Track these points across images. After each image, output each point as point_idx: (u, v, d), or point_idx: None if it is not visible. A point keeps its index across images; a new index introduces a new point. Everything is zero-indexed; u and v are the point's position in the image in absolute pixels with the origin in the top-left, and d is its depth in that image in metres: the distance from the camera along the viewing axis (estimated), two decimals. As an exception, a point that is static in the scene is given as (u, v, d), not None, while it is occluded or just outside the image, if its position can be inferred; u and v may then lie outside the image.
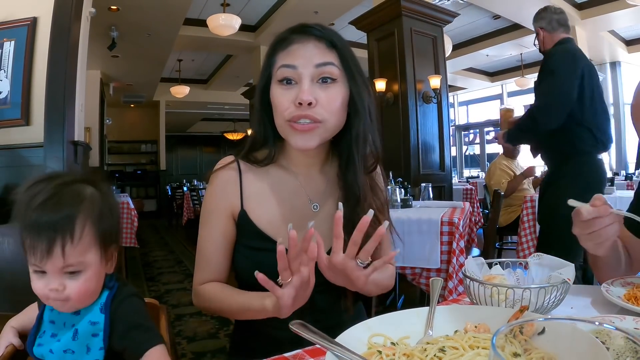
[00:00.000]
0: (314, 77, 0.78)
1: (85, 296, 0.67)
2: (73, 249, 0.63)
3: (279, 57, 0.81)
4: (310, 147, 0.80)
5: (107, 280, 0.72)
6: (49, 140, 2.54)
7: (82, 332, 0.68)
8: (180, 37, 6.40)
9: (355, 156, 0.84)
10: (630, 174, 5.85)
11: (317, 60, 0.79)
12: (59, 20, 2.64)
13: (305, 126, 0.77)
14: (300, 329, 0.53)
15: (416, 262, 2.07)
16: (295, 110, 0.77)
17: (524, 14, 6.22)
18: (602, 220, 0.69)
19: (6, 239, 2.33)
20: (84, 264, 0.65)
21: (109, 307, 0.69)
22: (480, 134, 10.95)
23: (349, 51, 0.83)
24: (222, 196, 0.86)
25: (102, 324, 0.68)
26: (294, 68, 0.78)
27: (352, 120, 0.83)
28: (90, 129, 6.79)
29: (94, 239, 0.66)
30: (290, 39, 0.81)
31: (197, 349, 2.40)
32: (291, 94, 0.78)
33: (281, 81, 0.79)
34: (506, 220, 3.76)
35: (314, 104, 0.77)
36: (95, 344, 0.68)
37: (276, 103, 0.80)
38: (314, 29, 0.81)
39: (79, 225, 0.64)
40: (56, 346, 0.68)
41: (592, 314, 0.70)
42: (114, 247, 0.72)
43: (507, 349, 0.35)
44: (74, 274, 0.65)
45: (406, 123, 4.12)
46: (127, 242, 4.00)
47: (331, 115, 0.79)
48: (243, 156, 0.89)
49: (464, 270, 0.73)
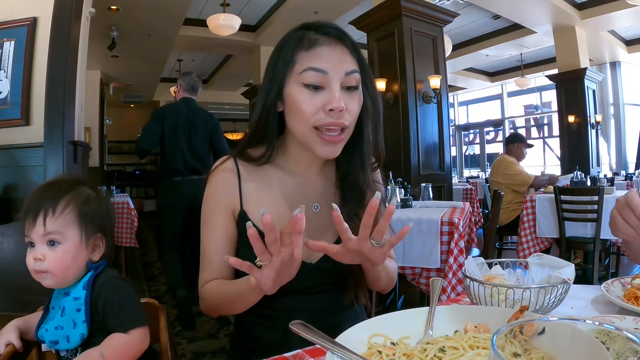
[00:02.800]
0: (342, 83, 0.78)
1: (62, 268, 0.76)
2: (53, 220, 0.76)
3: (301, 57, 0.78)
4: (335, 156, 0.81)
5: (95, 264, 0.80)
6: (49, 140, 2.54)
7: (68, 309, 0.77)
8: (180, 37, 6.39)
9: (365, 158, 0.86)
10: (630, 174, 5.86)
11: (346, 67, 0.78)
12: (59, 20, 2.64)
13: (335, 137, 0.77)
14: (300, 329, 0.53)
15: (416, 262, 2.07)
16: (325, 117, 0.76)
17: (524, 14, 6.22)
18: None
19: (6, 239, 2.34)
20: (63, 237, 0.76)
21: (90, 284, 0.78)
22: (480, 134, 10.95)
23: (363, 55, 0.83)
24: (222, 196, 0.86)
25: (83, 298, 0.77)
26: (324, 73, 0.76)
27: (363, 123, 0.83)
28: (90, 129, 6.79)
29: (75, 218, 0.78)
30: (315, 39, 0.78)
31: (197, 349, 2.40)
32: (319, 99, 0.76)
33: (307, 85, 0.77)
34: (507, 219, 3.76)
35: (344, 110, 0.76)
36: (79, 318, 0.76)
37: (301, 108, 0.77)
38: (337, 31, 0.80)
39: (62, 203, 0.77)
40: (50, 325, 0.77)
41: (592, 314, 0.70)
42: (99, 237, 0.82)
43: (507, 349, 0.35)
44: (54, 245, 0.76)
45: (406, 123, 4.12)
46: (127, 242, 3.99)
47: (353, 121, 0.80)
48: (238, 153, 0.88)
49: (464, 270, 0.73)
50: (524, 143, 3.98)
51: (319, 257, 0.84)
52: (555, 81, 6.92)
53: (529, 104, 10.29)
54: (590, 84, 6.71)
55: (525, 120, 10.37)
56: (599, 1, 6.15)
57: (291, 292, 0.84)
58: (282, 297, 0.84)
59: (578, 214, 2.97)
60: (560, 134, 6.97)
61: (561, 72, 6.77)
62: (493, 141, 10.97)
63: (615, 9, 5.98)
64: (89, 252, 0.80)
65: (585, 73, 6.51)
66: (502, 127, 10.39)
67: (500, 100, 10.53)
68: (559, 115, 6.93)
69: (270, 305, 0.85)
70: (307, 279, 0.83)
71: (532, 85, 8.93)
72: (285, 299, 0.84)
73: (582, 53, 6.61)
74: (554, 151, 9.30)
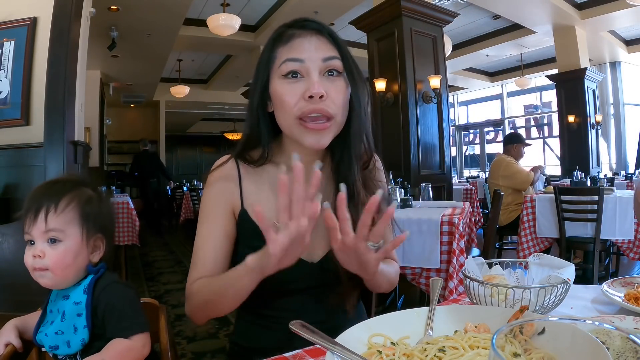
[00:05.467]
0: (321, 70, 0.77)
1: (63, 266, 0.74)
2: (55, 217, 0.74)
3: (280, 52, 0.79)
4: (322, 146, 0.79)
5: (95, 267, 0.79)
6: (49, 140, 2.54)
7: (68, 313, 0.75)
8: (180, 37, 6.39)
9: (352, 154, 0.83)
10: (630, 174, 5.86)
11: (323, 53, 0.77)
12: (59, 20, 2.64)
13: (319, 125, 0.76)
14: (300, 329, 0.53)
15: (416, 262, 2.07)
16: (306, 105, 0.75)
17: (524, 14, 6.23)
18: None
19: (6, 239, 2.34)
20: (64, 234, 0.75)
21: (91, 289, 0.76)
22: (480, 134, 10.95)
23: (346, 47, 0.82)
24: (223, 194, 0.85)
25: (84, 303, 0.75)
26: (300, 62, 0.76)
27: (351, 116, 0.82)
28: (90, 129, 6.79)
29: (77, 217, 0.76)
30: (291, 33, 0.79)
31: (197, 349, 2.40)
32: (299, 87, 0.76)
33: (286, 75, 0.77)
34: (506, 220, 3.76)
35: (325, 96, 0.75)
36: (80, 323, 0.74)
37: (282, 99, 0.77)
38: (314, 23, 0.80)
39: (65, 201, 0.75)
40: (50, 329, 0.75)
41: (592, 314, 0.70)
42: (100, 238, 0.80)
43: (507, 349, 0.35)
44: (55, 243, 0.74)
45: (406, 123, 4.12)
46: (129, 241, 3.99)
47: (339, 109, 0.78)
48: (238, 155, 0.87)
49: (464, 270, 0.73)
50: (522, 143, 3.97)
51: (321, 256, 0.84)
52: (555, 81, 6.92)
53: (529, 104, 10.29)
54: (590, 84, 6.71)
55: (525, 120, 10.38)
56: (599, 1, 6.15)
57: (291, 292, 0.84)
58: (282, 297, 0.84)
59: (578, 214, 2.97)
60: (560, 134, 6.97)
61: (561, 72, 6.78)
62: (493, 141, 10.98)
63: (615, 9, 5.99)
64: (89, 252, 0.78)
65: (585, 73, 6.52)
66: (502, 127, 10.40)
67: (500, 100, 10.53)
68: (559, 115, 6.93)
69: (271, 306, 0.85)
70: (307, 279, 0.83)
71: (532, 85, 8.94)
72: (285, 299, 0.84)
73: (582, 53, 6.61)
74: (554, 151, 9.31)
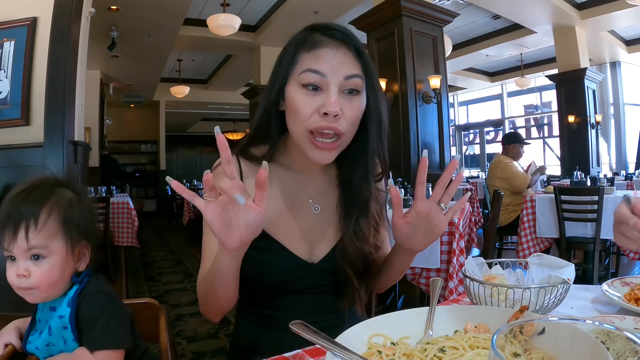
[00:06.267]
0: (341, 87, 0.76)
1: (50, 284, 0.70)
2: (37, 233, 0.68)
3: (302, 58, 0.77)
4: (327, 162, 0.79)
5: (80, 276, 0.75)
6: (49, 140, 2.54)
7: (54, 327, 0.72)
8: (180, 37, 6.39)
9: (368, 166, 0.84)
10: (630, 174, 5.85)
11: (346, 71, 0.76)
12: (59, 20, 2.64)
13: (327, 145, 0.76)
14: (300, 329, 0.53)
15: (416, 262, 2.06)
16: (319, 121, 0.75)
17: (524, 14, 6.22)
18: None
19: (6, 239, 2.33)
20: (48, 250, 0.69)
21: (75, 301, 0.73)
22: (480, 134, 10.95)
23: (371, 60, 0.80)
24: None
25: (67, 317, 0.71)
26: (322, 75, 0.75)
27: (368, 130, 0.81)
28: (90, 129, 6.79)
29: (59, 228, 0.71)
30: (318, 41, 0.77)
31: (197, 349, 2.40)
32: (316, 101, 0.75)
33: (305, 86, 0.76)
34: (506, 220, 3.76)
35: (339, 115, 0.75)
36: (68, 336, 0.72)
37: (297, 109, 0.76)
38: (342, 33, 0.78)
39: (45, 213, 0.69)
40: (39, 342, 0.73)
41: (592, 314, 0.70)
42: (84, 244, 0.76)
43: (507, 349, 0.35)
44: (39, 260, 0.69)
45: (406, 123, 4.12)
46: (128, 242, 3.99)
47: (350, 127, 0.77)
48: (240, 151, 0.87)
49: (464, 270, 0.73)
50: (520, 142, 3.96)
51: (321, 257, 0.84)
52: (555, 81, 6.92)
53: (529, 104, 10.29)
54: (590, 84, 6.71)
55: (525, 120, 10.37)
56: (599, 1, 6.15)
57: (291, 292, 0.84)
58: (282, 297, 0.84)
59: (578, 214, 2.97)
60: (560, 134, 6.97)
61: (561, 72, 6.78)
62: (493, 141, 10.97)
63: (615, 9, 5.98)
64: (75, 262, 0.74)
65: (585, 73, 6.52)
66: (502, 127, 10.39)
67: (500, 100, 10.53)
68: (559, 115, 6.93)
69: (271, 305, 0.85)
70: (307, 279, 0.83)
71: (532, 85, 8.93)
72: (285, 299, 0.84)
73: (582, 53, 6.61)
74: (554, 151, 9.30)
